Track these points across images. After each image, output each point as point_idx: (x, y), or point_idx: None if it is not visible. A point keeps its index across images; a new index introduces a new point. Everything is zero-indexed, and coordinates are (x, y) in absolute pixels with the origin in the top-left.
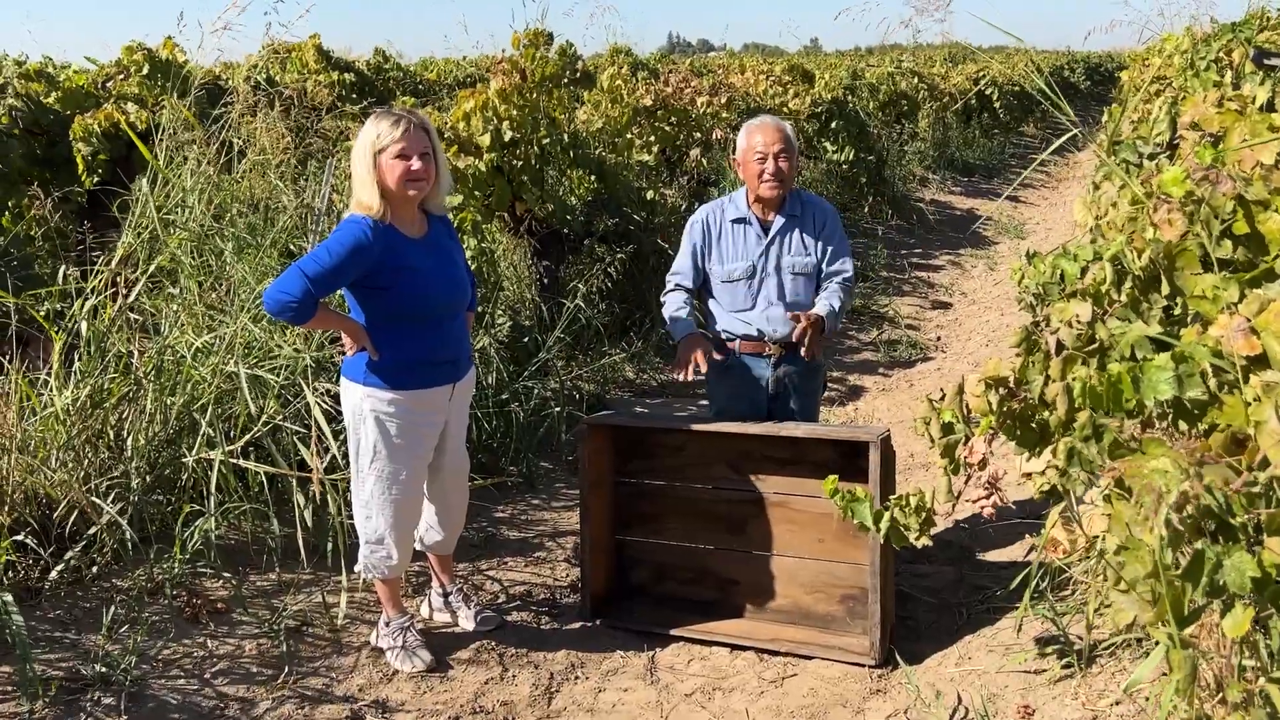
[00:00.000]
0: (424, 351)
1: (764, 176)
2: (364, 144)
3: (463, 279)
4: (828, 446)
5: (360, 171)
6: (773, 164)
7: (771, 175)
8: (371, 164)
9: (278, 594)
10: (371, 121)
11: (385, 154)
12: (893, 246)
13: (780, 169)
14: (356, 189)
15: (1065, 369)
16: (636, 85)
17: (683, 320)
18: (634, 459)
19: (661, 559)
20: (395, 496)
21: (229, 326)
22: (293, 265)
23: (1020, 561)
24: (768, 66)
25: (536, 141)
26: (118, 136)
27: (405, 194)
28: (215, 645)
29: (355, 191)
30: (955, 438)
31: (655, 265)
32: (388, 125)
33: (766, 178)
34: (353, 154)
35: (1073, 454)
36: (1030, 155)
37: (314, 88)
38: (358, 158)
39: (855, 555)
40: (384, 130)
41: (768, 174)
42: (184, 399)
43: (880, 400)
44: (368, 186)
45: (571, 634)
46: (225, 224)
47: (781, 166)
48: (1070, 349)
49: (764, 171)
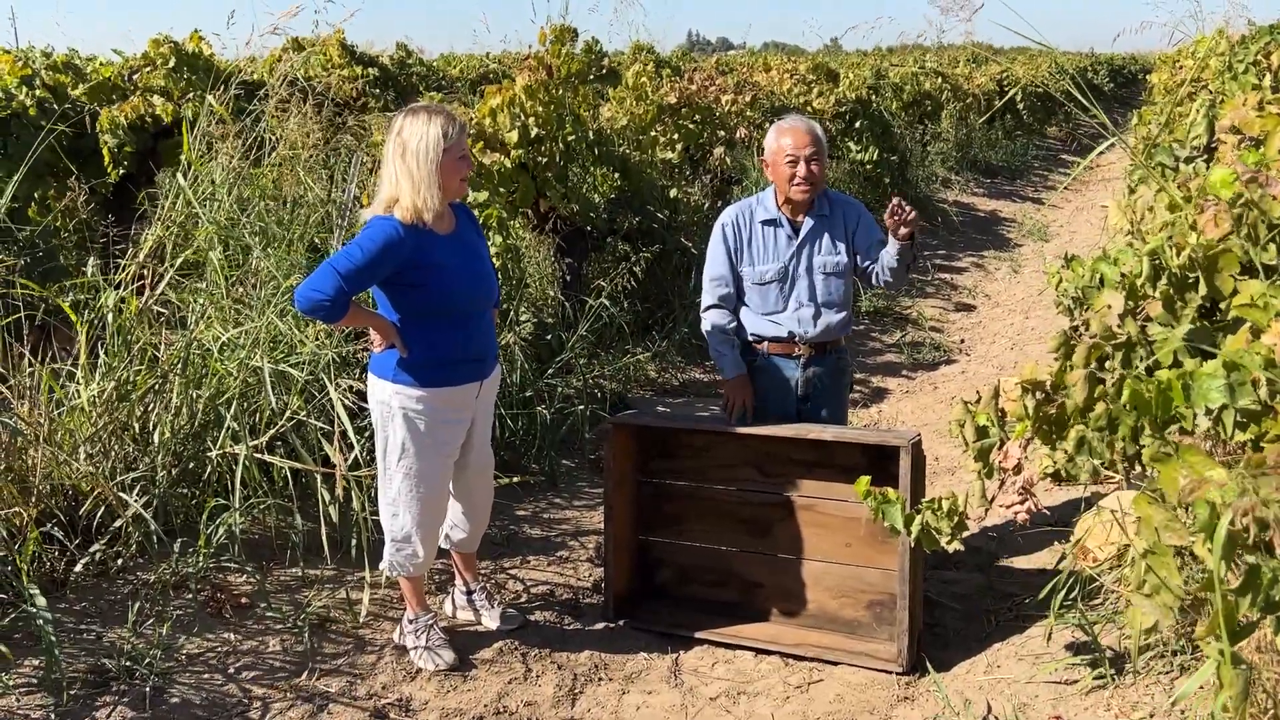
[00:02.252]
0: (453, 348)
1: (795, 180)
2: (429, 143)
3: (490, 274)
4: (856, 450)
5: (420, 172)
6: (804, 168)
7: (803, 179)
8: (439, 163)
9: (301, 589)
10: (425, 119)
11: (450, 154)
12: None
13: (812, 172)
14: (409, 189)
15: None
16: (661, 83)
17: (729, 357)
18: (658, 459)
19: (685, 560)
20: (422, 494)
21: (254, 321)
22: (324, 263)
23: (1049, 569)
24: (792, 65)
25: (562, 138)
26: (144, 129)
27: (460, 194)
28: (239, 640)
29: (406, 192)
30: (990, 442)
31: (679, 264)
32: (452, 125)
33: (798, 181)
34: (403, 153)
35: (1083, 443)
36: (1054, 157)
37: (338, 83)
38: (419, 157)
39: (883, 560)
40: (451, 131)
41: (799, 177)
42: (209, 393)
43: (904, 403)
44: (430, 187)
45: (595, 635)
46: (253, 218)
47: (814, 170)
48: (1098, 337)
49: (795, 175)
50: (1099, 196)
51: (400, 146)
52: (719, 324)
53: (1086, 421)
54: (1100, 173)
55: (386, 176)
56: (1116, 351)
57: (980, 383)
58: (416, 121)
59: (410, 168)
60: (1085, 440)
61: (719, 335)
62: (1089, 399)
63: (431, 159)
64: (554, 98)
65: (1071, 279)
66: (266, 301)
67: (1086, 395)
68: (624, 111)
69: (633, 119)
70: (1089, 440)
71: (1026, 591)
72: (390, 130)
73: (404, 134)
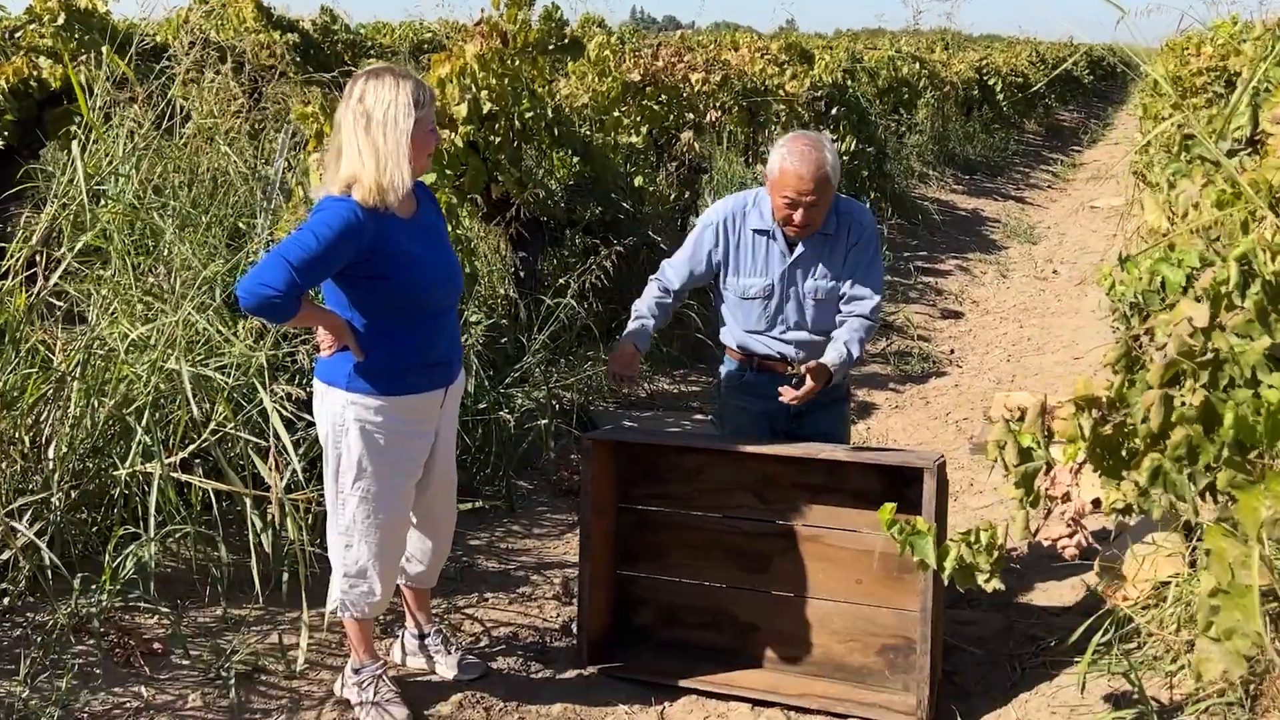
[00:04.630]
0: (417, 351)
1: (791, 222)
2: (398, 112)
3: (456, 264)
4: (871, 473)
5: (387, 146)
6: (802, 215)
7: (799, 226)
8: (410, 135)
9: (225, 633)
10: (392, 83)
11: (421, 125)
12: (895, 248)
13: (811, 219)
14: (373, 166)
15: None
16: (624, 58)
17: (633, 330)
18: (641, 482)
19: (671, 599)
20: (382, 521)
21: (169, 316)
22: (272, 252)
23: (1074, 606)
24: (764, 44)
25: (517, 115)
26: (28, 95)
27: (423, 172)
28: (152, 694)
29: (369, 170)
30: (1035, 466)
31: (646, 261)
32: (422, 91)
33: (793, 225)
34: (367, 124)
35: (1158, 474)
36: (1035, 153)
37: (253, 49)
38: (386, 129)
39: (900, 600)
40: (423, 98)
41: (795, 222)
42: (115, 401)
43: (894, 419)
44: (399, 164)
45: (567, 684)
46: (166, 197)
47: (811, 217)
48: (1176, 355)
49: (791, 218)
50: (1086, 195)
51: (363, 116)
52: (646, 297)
53: (1161, 449)
54: (1086, 171)
55: (346, 152)
56: (1202, 370)
57: (975, 397)
58: (382, 86)
59: (375, 141)
60: (1161, 471)
61: (638, 307)
62: (1165, 423)
63: (402, 130)
64: (509, 69)
65: (1128, 282)
66: (183, 294)
67: (1163, 419)
68: (585, 88)
69: (594, 97)
70: (1166, 471)
71: (1052, 633)
72: (348, 95)
73: (367, 101)
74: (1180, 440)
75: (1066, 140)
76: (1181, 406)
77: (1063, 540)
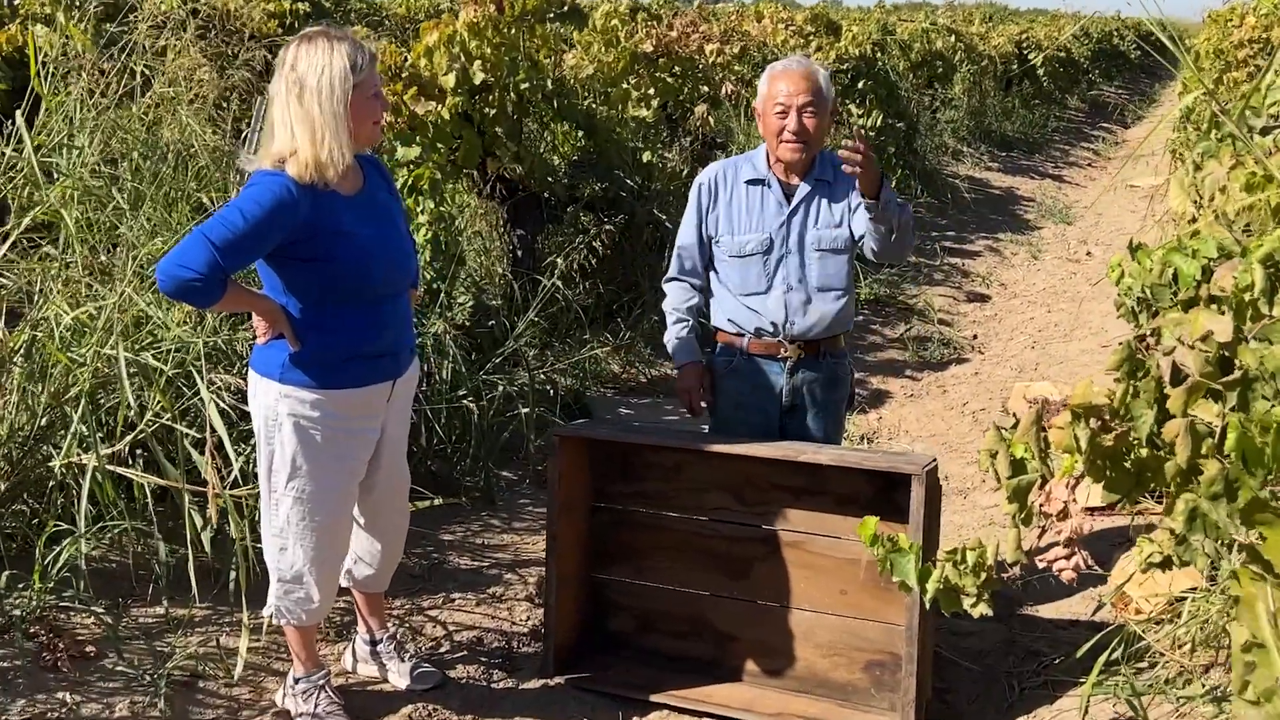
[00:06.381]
0: (359, 340)
1: (783, 135)
2: (333, 78)
3: (408, 247)
4: (858, 476)
5: (323, 116)
6: (795, 119)
7: (793, 134)
8: (348, 104)
9: (164, 634)
10: (325, 48)
11: (361, 90)
12: (922, 228)
13: (804, 126)
14: (307, 138)
15: (1189, 401)
16: (636, 27)
17: (682, 341)
18: (616, 480)
19: (646, 605)
20: (319, 523)
21: (110, 298)
22: (194, 231)
23: (1083, 621)
24: (788, 15)
25: (514, 87)
26: (23, 63)
27: (372, 142)
28: (77, 702)
29: (303, 142)
30: (1029, 479)
31: (650, 239)
32: (360, 54)
33: (787, 136)
34: (300, 93)
35: (1195, 516)
36: (1076, 130)
37: (261, 17)
38: (320, 97)
39: (887, 613)
40: (360, 61)
41: (788, 131)
42: (55, 387)
43: (908, 408)
44: (337, 135)
45: (530, 696)
46: (123, 171)
47: (806, 124)
48: (1197, 376)
49: (784, 129)
50: (1125, 174)
51: (296, 84)
52: (675, 300)
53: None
54: (1128, 149)
55: (279, 123)
56: (1229, 391)
57: (995, 386)
58: (314, 51)
59: (310, 111)
60: (1199, 513)
61: (673, 313)
62: (1194, 456)
63: (338, 99)
64: (505, 38)
65: (1137, 274)
66: (127, 273)
67: (1191, 452)
68: (590, 59)
69: (601, 68)
70: (1203, 513)
71: (1056, 649)
72: (280, 63)
73: (299, 68)
74: (1215, 474)
75: (1110, 117)
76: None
77: (1059, 562)
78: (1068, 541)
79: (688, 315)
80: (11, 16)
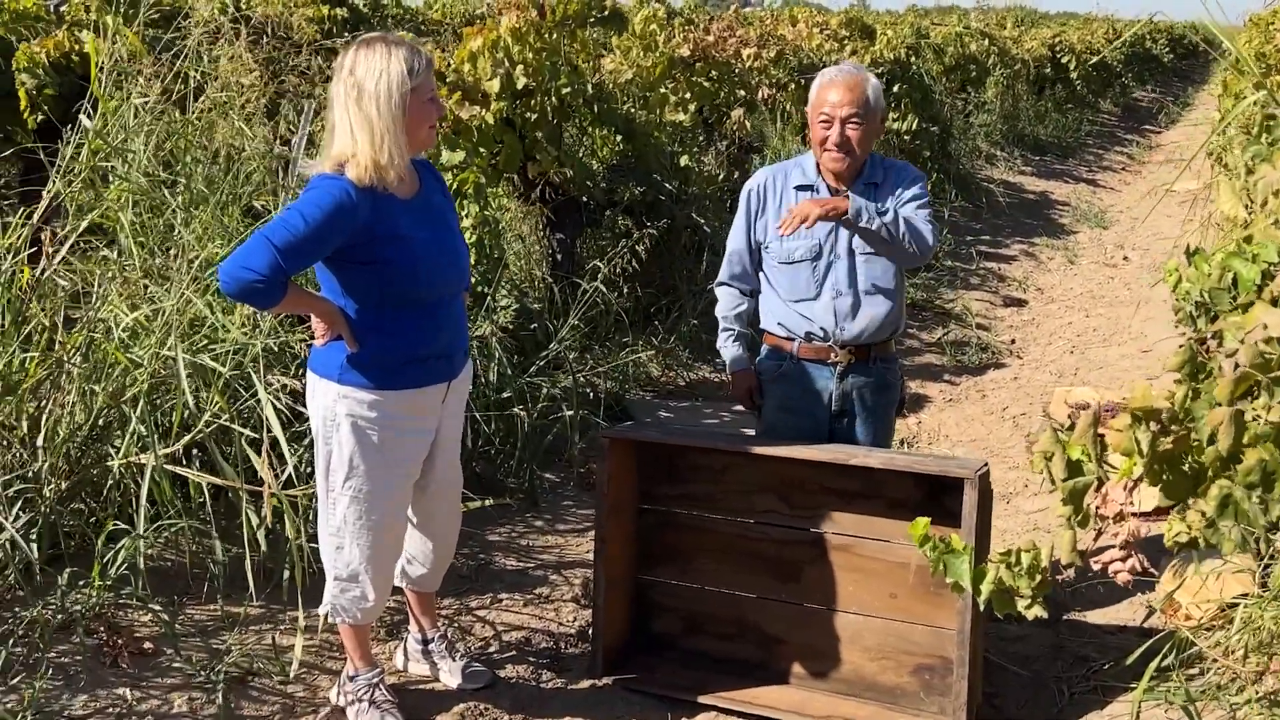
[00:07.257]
0: (416, 343)
1: (827, 145)
2: (391, 82)
3: (463, 250)
4: (907, 480)
5: (381, 120)
6: (838, 132)
7: (836, 145)
8: (405, 107)
9: (220, 632)
10: (384, 52)
11: (418, 95)
12: (957, 231)
13: (847, 138)
14: (367, 142)
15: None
16: (673, 33)
17: (729, 350)
18: (663, 482)
19: (692, 607)
20: (375, 522)
21: (168, 300)
22: (256, 233)
23: (1131, 626)
24: (823, 19)
25: (555, 91)
26: (69, 69)
27: (427, 146)
28: (136, 698)
29: (363, 146)
30: (1085, 481)
31: (688, 243)
32: (417, 59)
33: (829, 147)
34: (359, 97)
35: (1228, 502)
36: (1109, 134)
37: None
38: (379, 101)
39: (936, 617)
40: (418, 66)
41: (831, 143)
42: (113, 387)
43: (947, 413)
44: (395, 139)
45: (579, 696)
46: (178, 173)
47: (850, 135)
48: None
49: (828, 139)
50: (1161, 179)
51: (354, 88)
52: (724, 307)
53: (1231, 475)
54: (1163, 153)
55: (338, 127)
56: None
57: (1035, 391)
58: (373, 56)
59: (369, 115)
60: (1232, 500)
61: (721, 320)
62: (1236, 444)
63: (395, 103)
64: (547, 43)
65: (1195, 278)
66: (184, 275)
67: (1234, 440)
68: (629, 64)
69: (639, 73)
70: (1236, 500)
71: (1105, 655)
72: (339, 68)
73: (358, 72)
74: (1253, 465)
75: (1143, 121)
76: (1254, 423)
77: (1115, 564)
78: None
79: (734, 324)
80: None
